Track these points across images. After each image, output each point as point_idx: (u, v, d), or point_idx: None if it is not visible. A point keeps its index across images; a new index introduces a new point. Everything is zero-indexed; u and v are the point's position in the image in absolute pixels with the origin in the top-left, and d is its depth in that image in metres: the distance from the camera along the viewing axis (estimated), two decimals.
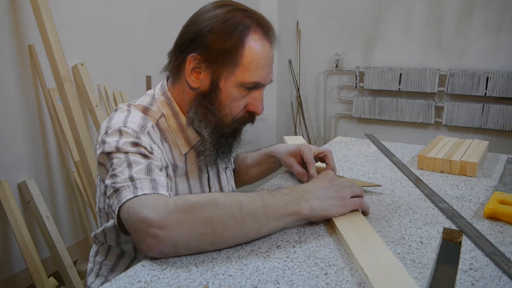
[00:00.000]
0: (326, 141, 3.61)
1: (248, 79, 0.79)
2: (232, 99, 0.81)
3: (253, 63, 0.79)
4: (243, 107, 0.83)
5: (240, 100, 0.82)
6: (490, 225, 0.76)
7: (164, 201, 0.64)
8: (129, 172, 0.69)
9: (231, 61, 0.78)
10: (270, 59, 0.82)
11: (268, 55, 0.82)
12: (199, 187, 0.90)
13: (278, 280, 0.59)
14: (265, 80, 0.82)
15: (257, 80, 0.80)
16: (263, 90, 0.85)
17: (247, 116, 0.85)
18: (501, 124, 2.99)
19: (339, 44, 3.49)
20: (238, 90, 0.80)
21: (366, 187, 0.94)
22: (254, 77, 0.80)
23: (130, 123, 0.77)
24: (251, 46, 0.79)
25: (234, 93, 0.80)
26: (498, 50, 2.96)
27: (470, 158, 1.05)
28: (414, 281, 0.56)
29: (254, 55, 0.79)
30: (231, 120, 0.83)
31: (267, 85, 0.85)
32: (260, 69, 0.80)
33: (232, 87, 0.80)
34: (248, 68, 0.79)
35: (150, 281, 0.60)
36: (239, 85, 0.80)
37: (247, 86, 0.80)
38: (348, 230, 0.71)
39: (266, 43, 0.81)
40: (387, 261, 0.61)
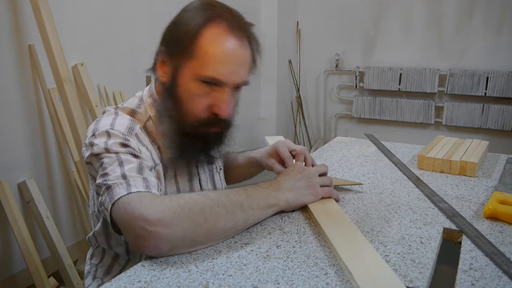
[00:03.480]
0: (326, 141, 3.61)
1: (203, 72, 0.74)
2: (191, 95, 0.77)
3: (209, 56, 0.74)
4: (206, 107, 0.77)
5: (201, 97, 0.76)
6: (490, 225, 0.76)
7: (161, 199, 0.65)
8: (121, 170, 0.69)
9: (187, 53, 0.75)
10: (235, 57, 0.76)
11: (232, 52, 0.75)
12: (189, 190, 0.88)
13: (278, 280, 0.59)
14: (226, 78, 0.75)
15: (214, 76, 0.74)
16: (232, 92, 0.79)
17: (213, 119, 0.78)
18: (501, 124, 2.99)
19: (339, 44, 3.49)
20: (196, 85, 0.76)
21: (348, 186, 0.95)
22: (210, 72, 0.74)
23: (118, 126, 0.77)
24: (208, 38, 0.74)
25: (191, 87, 0.76)
26: (498, 50, 2.96)
27: (470, 158, 1.05)
28: (399, 278, 0.57)
29: (211, 48, 0.74)
30: (194, 120, 0.78)
31: (235, 86, 0.79)
32: (219, 65, 0.74)
33: (189, 81, 0.76)
34: (203, 61, 0.74)
35: (150, 281, 0.60)
36: (195, 79, 0.75)
37: (203, 81, 0.75)
38: (332, 230, 0.71)
39: (232, 40, 0.75)
40: (372, 260, 0.61)
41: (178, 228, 0.63)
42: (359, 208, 0.84)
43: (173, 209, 0.63)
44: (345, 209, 0.83)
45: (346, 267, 0.60)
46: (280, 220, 0.79)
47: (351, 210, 0.83)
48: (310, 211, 0.80)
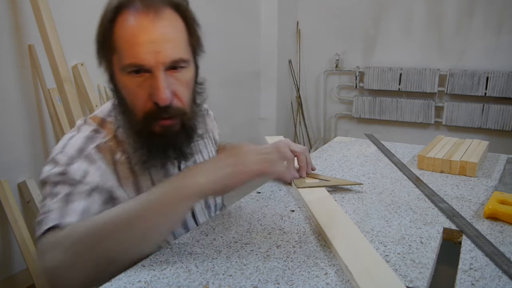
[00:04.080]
0: (326, 141, 3.61)
1: (123, 61, 0.68)
2: (128, 89, 0.71)
3: (123, 42, 0.68)
4: (147, 98, 0.70)
5: (137, 89, 0.70)
6: (490, 225, 0.76)
7: (57, 238, 0.64)
8: (47, 206, 0.68)
9: (110, 47, 0.70)
10: (151, 34, 0.67)
11: (146, 30, 0.68)
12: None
13: (278, 280, 0.59)
14: (148, 60, 0.67)
15: (132, 61, 0.67)
16: (167, 76, 0.69)
17: (156, 110, 0.70)
18: (501, 124, 2.99)
19: (339, 44, 3.49)
20: (127, 78, 0.70)
21: (348, 186, 0.95)
22: (128, 58, 0.68)
23: (69, 148, 0.73)
24: (121, 26, 0.68)
25: (125, 82, 0.71)
26: (498, 50, 2.96)
27: (470, 158, 1.05)
28: (399, 278, 0.57)
29: (122, 33, 0.68)
30: (143, 116, 0.71)
31: (171, 67, 0.70)
32: (133, 48, 0.67)
33: (120, 75, 0.71)
34: (121, 50, 0.69)
35: (150, 281, 0.60)
36: (123, 71, 0.70)
37: (127, 71, 0.69)
38: (332, 230, 0.71)
39: (143, 17, 0.68)
40: (372, 260, 0.61)
41: (72, 272, 0.61)
42: (359, 208, 0.84)
43: (64, 249, 0.62)
44: (345, 209, 0.83)
45: (346, 267, 0.60)
46: (280, 220, 0.79)
47: (351, 210, 0.83)
48: (310, 211, 0.80)
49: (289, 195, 0.92)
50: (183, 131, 0.74)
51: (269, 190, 0.94)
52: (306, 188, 0.91)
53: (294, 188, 0.93)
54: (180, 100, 0.72)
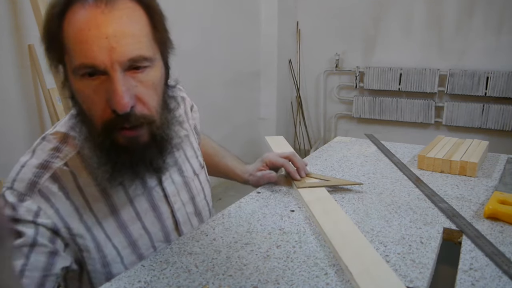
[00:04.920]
0: (326, 141, 3.61)
1: (74, 62, 0.58)
2: (83, 95, 0.61)
3: (73, 40, 0.58)
4: (105, 105, 0.60)
5: (93, 95, 0.60)
6: (490, 225, 0.76)
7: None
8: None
9: (61, 46, 0.60)
10: (103, 29, 0.57)
11: (94, 23, 0.57)
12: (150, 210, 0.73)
13: (278, 280, 0.59)
14: (101, 59, 0.57)
15: (83, 61, 0.57)
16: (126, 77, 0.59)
17: (116, 118, 0.59)
18: (501, 124, 2.99)
19: (339, 44, 3.49)
20: (80, 81, 0.60)
21: (348, 186, 0.95)
22: (78, 58, 0.58)
23: (18, 182, 0.64)
24: (70, 21, 0.58)
25: (78, 86, 0.60)
26: (498, 50, 2.96)
27: (470, 158, 1.05)
28: (399, 278, 0.57)
29: (71, 30, 0.58)
30: (102, 126, 0.61)
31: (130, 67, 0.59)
32: (83, 46, 0.57)
33: (73, 79, 0.61)
34: (71, 49, 0.58)
35: (150, 281, 0.60)
36: (75, 74, 0.60)
37: (80, 73, 0.59)
38: (332, 230, 0.71)
39: (92, 9, 0.57)
40: (372, 259, 0.61)
41: None
42: (359, 208, 0.84)
43: None
44: (345, 209, 0.83)
45: (346, 267, 0.60)
46: (280, 220, 0.79)
47: (351, 210, 0.83)
48: (310, 211, 0.80)
49: (289, 195, 0.92)
50: (152, 142, 0.64)
51: (269, 190, 0.94)
52: (306, 188, 0.91)
53: (294, 188, 0.93)
54: (146, 106, 0.62)
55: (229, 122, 3.18)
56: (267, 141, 1.23)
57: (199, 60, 2.71)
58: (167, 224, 0.76)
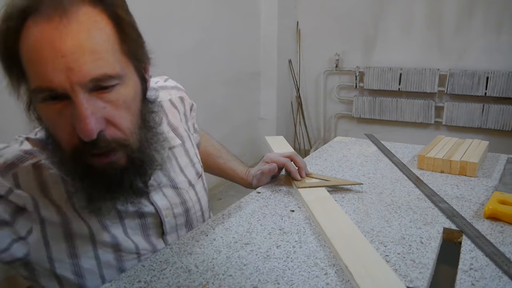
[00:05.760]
0: (326, 141, 3.61)
1: (30, 86, 0.53)
2: (47, 120, 0.55)
3: (26, 61, 0.52)
4: (71, 130, 0.53)
5: (57, 119, 0.53)
6: (490, 225, 0.76)
7: None
8: None
9: (18, 65, 0.53)
10: (51, 47, 0.50)
11: (48, 40, 0.50)
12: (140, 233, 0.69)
13: (278, 280, 0.59)
14: (56, 80, 0.50)
15: (39, 85, 0.51)
16: (91, 99, 0.52)
17: (83, 145, 0.53)
18: (501, 124, 2.99)
19: (339, 44, 3.49)
20: (42, 105, 0.54)
21: (348, 186, 0.95)
22: (34, 81, 0.51)
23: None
24: (25, 38, 0.51)
25: (41, 110, 0.55)
26: (498, 50, 2.96)
27: (470, 158, 1.05)
28: (399, 278, 0.57)
29: (25, 49, 0.51)
30: (71, 152, 0.55)
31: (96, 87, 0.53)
32: (37, 67, 0.50)
33: (35, 103, 0.55)
34: (28, 71, 0.52)
35: (150, 281, 0.60)
36: (34, 99, 0.54)
37: (40, 98, 0.53)
38: (332, 230, 0.71)
39: (45, 24, 0.50)
40: (372, 259, 0.61)
41: None
42: (359, 208, 0.84)
43: None
44: (345, 209, 0.83)
45: (346, 267, 0.60)
46: (280, 220, 0.79)
47: (351, 210, 0.83)
48: (310, 211, 0.80)
49: (289, 195, 0.92)
50: (130, 165, 0.58)
51: (269, 190, 0.94)
52: (306, 188, 0.91)
53: (294, 188, 0.93)
54: (118, 128, 0.55)
55: (229, 122, 3.18)
56: (267, 141, 1.23)
57: (199, 60, 2.71)
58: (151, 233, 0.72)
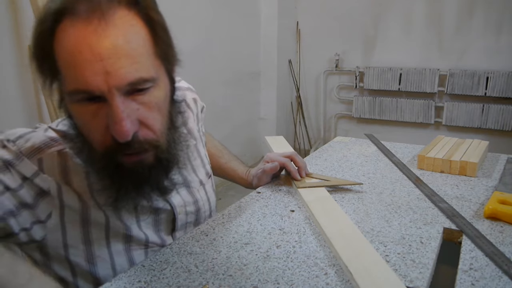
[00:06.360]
0: (326, 141, 3.61)
1: (67, 87, 0.53)
2: (80, 120, 0.57)
3: (63, 63, 0.53)
4: (105, 130, 0.55)
5: (91, 120, 0.55)
6: (490, 225, 0.76)
7: None
8: None
9: (53, 64, 0.54)
10: (89, 50, 0.50)
11: (86, 44, 0.50)
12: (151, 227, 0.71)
13: (278, 280, 0.59)
14: (94, 84, 0.51)
15: (76, 88, 0.52)
16: (126, 101, 0.54)
17: (116, 145, 0.55)
18: (501, 124, 2.99)
19: (339, 44, 3.49)
20: (76, 106, 0.55)
21: (348, 186, 0.95)
22: (71, 84, 0.53)
23: (24, 141, 0.62)
24: (60, 39, 0.52)
25: (75, 110, 0.56)
26: (498, 50, 2.96)
27: (470, 158, 1.05)
28: (399, 278, 0.57)
29: (63, 51, 0.52)
30: (102, 151, 0.57)
31: (131, 90, 0.54)
32: (75, 70, 0.51)
33: (68, 103, 0.56)
34: (63, 73, 0.53)
35: (150, 281, 0.60)
36: (70, 99, 0.55)
37: (75, 99, 0.54)
38: (332, 229, 0.71)
39: (83, 26, 0.51)
40: (372, 259, 0.61)
41: None
42: (359, 208, 0.84)
43: None
44: (345, 209, 0.83)
45: (346, 267, 0.60)
46: (280, 220, 0.79)
47: (351, 210, 0.83)
48: (310, 211, 0.80)
49: (289, 195, 0.92)
50: (158, 164, 0.59)
51: (269, 190, 0.94)
52: (306, 188, 0.91)
53: (294, 188, 0.93)
54: (150, 130, 0.57)
55: (229, 122, 3.18)
56: (267, 141, 1.23)
57: (199, 60, 2.71)
58: (162, 228, 0.74)
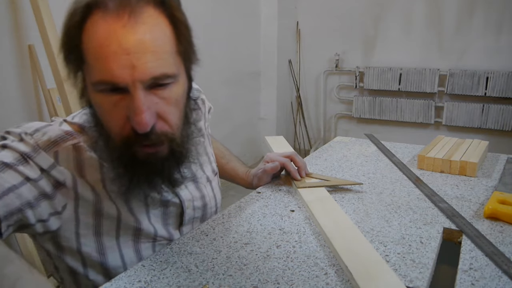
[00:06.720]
0: (326, 141, 3.61)
1: (93, 77, 0.56)
2: (101, 110, 0.59)
3: (91, 54, 0.55)
4: (125, 121, 0.57)
5: (112, 110, 0.57)
6: (490, 225, 0.76)
7: None
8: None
9: (79, 55, 0.57)
10: (118, 44, 0.53)
11: (115, 38, 0.53)
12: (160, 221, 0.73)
13: (278, 280, 0.59)
14: (120, 76, 0.54)
15: (103, 78, 0.55)
16: (148, 94, 0.56)
17: (135, 136, 0.57)
18: (501, 124, 2.99)
19: (339, 44, 3.49)
20: (99, 96, 0.57)
21: (348, 186, 0.95)
22: (98, 74, 0.55)
23: (41, 134, 0.64)
24: (89, 32, 0.55)
25: (97, 100, 0.58)
26: (498, 50, 2.96)
27: (470, 158, 1.05)
28: (399, 278, 0.57)
29: (91, 43, 0.55)
30: (121, 141, 0.59)
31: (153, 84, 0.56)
32: (103, 62, 0.54)
33: (91, 92, 0.58)
34: (90, 63, 0.56)
35: (150, 281, 0.60)
36: (93, 89, 0.57)
37: (99, 89, 0.56)
38: (332, 229, 0.71)
39: (113, 21, 0.54)
40: (372, 259, 0.61)
41: None
42: (359, 208, 0.84)
43: None
44: (345, 209, 0.83)
45: (346, 267, 0.60)
46: (280, 220, 0.79)
47: (351, 210, 0.83)
48: (310, 211, 0.80)
49: (289, 195, 0.92)
50: (171, 157, 0.62)
51: (269, 190, 0.95)
52: (306, 188, 0.91)
53: (294, 188, 0.93)
54: (167, 123, 0.60)
55: (229, 122, 3.18)
56: (267, 141, 1.23)
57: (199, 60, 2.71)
58: (170, 222, 0.76)
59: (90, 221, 0.67)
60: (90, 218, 0.67)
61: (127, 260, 0.70)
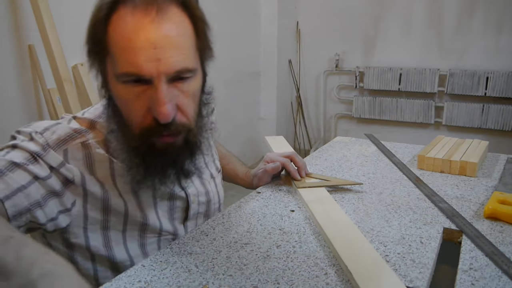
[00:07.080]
0: (326, 141, 3.61)
1: (118, 69, 0.58)
2: (123, 100, 0.62)
3: (118, 47, 0.58)
4: (146, 111, 0.60)
5: (134, 101, 0.60)
6: (490, 225, 0.76)
7: None
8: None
9: (102, 49, 0.60)
10: (151, 39, 0.57)
11: (143, 32, 0.56)
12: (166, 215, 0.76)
13: (278, 280, 0.59)
14: (147, 69, 0.57)
15: (129, 70, 0.57)
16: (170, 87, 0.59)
17: (156, 126, 0.60)
18: (501, 124, 2.99)
19: (339, 44, 3.49)
20: (122, 87, 0.60)
21: (348, 186, 0.95)
22: (124, 66, 0.58)
23: (50, 133, 0.66)
24: (116, 26, 0.58)
25: (119, 91, 0.61)
26: (498, 50, 2.96)
27: (470, 158, 1.05)
28: (399, 278, 0.57)
29: (119, 37, 0.58)
30: (140, 131, 0.62)
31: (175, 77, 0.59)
32: (130, 54, 0.57)
33: (114, 83, 0.61)
34: (116, 55, 0.58)
35: (150, 281, 0.60)
36: (117, 80, 0.60)
37: (123, 80, 0.59)
38: (332, 229, 0.71)
39: (141, 16, 0.57)
40: (372, 259, 0.62)
41: None
42: (359, 208, 0.84)
43: None
44: (345, 209, 0.83)
45: (346, 267, 0.60)
46: (280, 220, 0.79)
47: (351, 210, 0.83)
48: (310, 211, 0.80)
49: (289, 195, 0.92)
50: (186, 147, 0.65)
51: (269, 190, 0.95)
52: (306, 188, 0.91)
53: (294, 188, 0.93)
54: (185, 115, 0.63)
55: (229, 122, 3.18)
56: (267, 141, 1.23)
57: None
58: (176, 217, 0.77)
59: (98, 217, 0.69)
60: (98, 214, 0.69)
61: (132, 254, 0.73)
